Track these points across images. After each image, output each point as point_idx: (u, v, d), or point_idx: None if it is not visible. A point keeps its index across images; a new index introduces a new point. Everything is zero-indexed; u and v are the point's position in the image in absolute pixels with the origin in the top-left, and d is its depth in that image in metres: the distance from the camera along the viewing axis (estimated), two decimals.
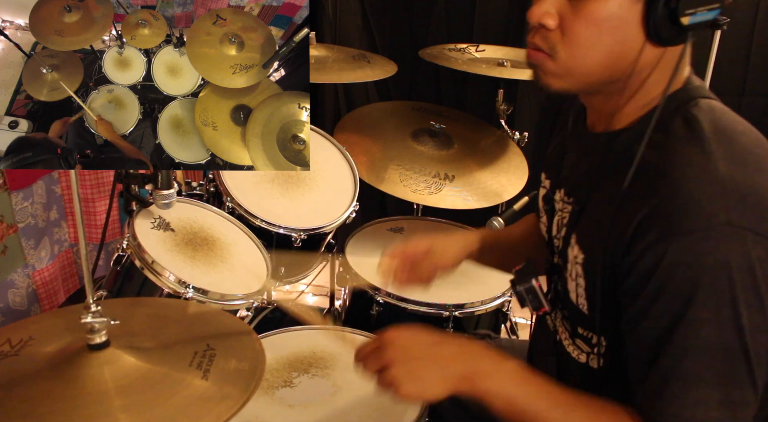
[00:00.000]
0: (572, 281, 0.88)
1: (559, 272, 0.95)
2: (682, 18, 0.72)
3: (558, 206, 0.96)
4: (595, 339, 0.87)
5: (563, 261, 0.91)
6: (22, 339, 0.91)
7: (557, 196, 0.96)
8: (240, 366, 0.87)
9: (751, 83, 2.29)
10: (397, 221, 1.94)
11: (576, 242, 0.86)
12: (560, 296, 0.95)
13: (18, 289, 2.03)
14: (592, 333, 0.88)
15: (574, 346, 0.92)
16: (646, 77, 0.80)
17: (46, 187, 2.10)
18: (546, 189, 1.04)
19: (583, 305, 0.87)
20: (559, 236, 0.95)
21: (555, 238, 0.97)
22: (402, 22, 2.57)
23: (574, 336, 0.92)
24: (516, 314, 1.78)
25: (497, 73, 1.87)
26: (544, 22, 0.78)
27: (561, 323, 0.96)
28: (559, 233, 0.95)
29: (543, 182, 1.06)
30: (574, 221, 0.88)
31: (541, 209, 1.05)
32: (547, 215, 1.02)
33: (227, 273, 1.44)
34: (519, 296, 0.99)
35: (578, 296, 0.87)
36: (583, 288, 0.85)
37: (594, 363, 0.88)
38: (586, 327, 0.89)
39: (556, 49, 0.79)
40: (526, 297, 0.98)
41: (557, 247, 0.96)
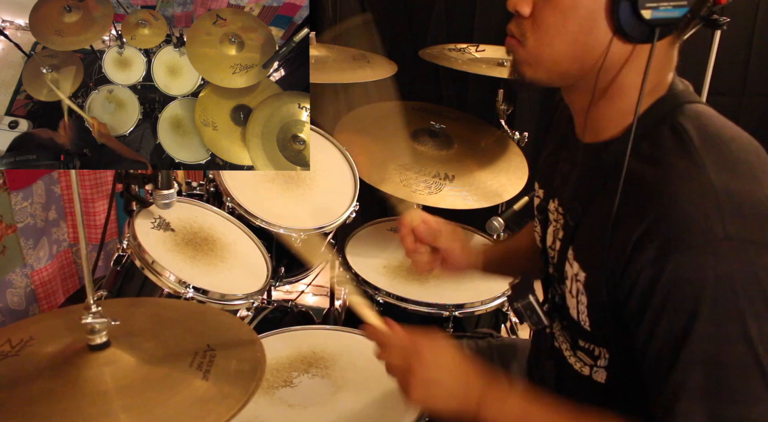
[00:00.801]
0: (572, 298, 0.87)
1: (555, 285, 0.95)
2: (643, 11, 0.72)
3: (552, 216, 0.95)
4: (597, 351, 0.87)
5: (559, 275, 0.91)
6: (22, 339, 0.91)
7: (551, 206, 0.96)
8: (240, 366, 0.87)
9: (751, 83, 2.29)
10: (397, 221, 1.94)
11: (575, 259, 0.85)
12: (557, 308, 0.95)
13: (16, 289, 2.03)
14: (594, 345, 0.87)
15: (575, 358, 0.92)
16: (623, 79, 0.79)
17: (46, 187, 2.10)
18: (540, 199, 1.03)
19: (585, 322, 0.86)
20: (553, 248, 0.94)
21: (550, 248, 0.96)
22: (402, 22, 2.57)
23: (575, 348, 0.91)
24: (513, 314, 1.78)
25: (497, 73, 1.87)
26: (519, 9, 0.80)
27: (561, 333, 0.96)
28: (553, 245, 0.95)
29: (537, 191, 1.05)
30: (570, 237, 0.87)
31: (535, 219, 1.04)
32: (541, 225, 1.01)
33: (227, 273, 1.44)
34: (517, 313, 0.99)
35: (579, 313, 0.86)
36: (585, 305, 0.84)
37: (599, 377, 0.87)
38: (588, 340, 0.88)
39: (526, 35, 0.81)
40: (524, 313, 0.98)
41: (552, 258, 0.95)
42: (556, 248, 0.93)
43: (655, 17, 0.73)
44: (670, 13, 0.73)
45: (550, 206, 0.96)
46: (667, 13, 0.73)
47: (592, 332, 0.86)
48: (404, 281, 1.65)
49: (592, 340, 0.87)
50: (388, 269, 1.69)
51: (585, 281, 0.83)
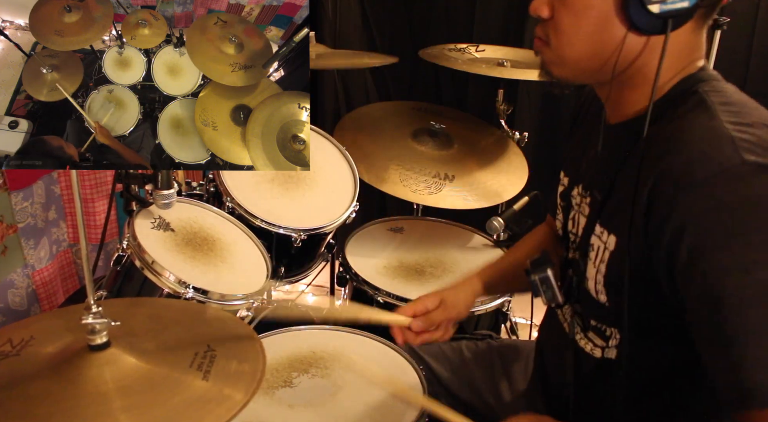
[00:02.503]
0: (593, 269, 0.88)
1: (575, 267, 0.95)
2: (651, 6, 0.75)
3: (575, 201, 0.97)
4: (609, 331, 0.88)
5: (582, 252, 0.92)
6: (23, 339, 0.91)
7: (575, 192, 0.98)
8: (240, 366, 0.87)
9: (751, 83, 2.29)
10: (397, 221, 1.94)
11: (603, 227, 0.86)
12: (573, 292, 0.96)
13: (18, 289, 2.03)
14: (605, 325, 0.88)
15: (586, 340, 0.93)
16: (646, 68, 0.82)
17: (46, 187, 2.10)
18: (564, 186, 1.04)
19: (601, 294, 0.87)
20: (575, 231, 0.96)
21: (571, 233, 0.98)
22: (402, 22, 2.57)
23: (586, 330, 0.92)
24: (516, 314, 1.78)
25: (497, 73, 1.87)
26: (539, 13, 0.84)
27: (573, 319, 0.97)
28: (575, 227, 0.96)
29: (561, 180, 1.07)
30: (597, 211, 0.89)
31: (558, 207, 1.05)
32: (563, 212, 1.02)
33: (227, 273, 1.44)
34: (533, 286, 0.99)
35: (597, 283, 0.87)
36: (602, 275, 0.85)
37: (611, 354, 0.88)
38: (600, 318, 0.89)
39: (549, 37, 0.85)
40: (540, 287, 0.98)
41: (573, 242, 0.97)
42: (580, 226, 0.94)
43: (664, 10, 0.75)
44: (678, 3, 0.75)
45: (574, 192, 0.98)
46: (677, 5, 0.75)
47: (606, 307, 0.86)
48: (404, 281, 1.65)
49: (605, 319, 0.88)
50: (388, 269, 1.69)
51: (615, 247, 0.83)
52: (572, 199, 0.98)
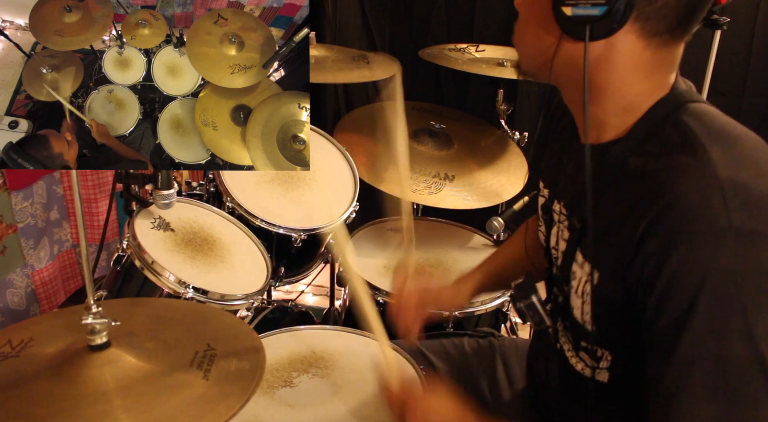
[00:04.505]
0: (578, 298, 0.86)
1: (559, 285, 0.94)
2: (564, 8, 0.75)
3: (556, 217, 0.95)
4: (600, 352, 0.86)
5: (564, 275, 0.90)
6: (22, 340, 0.91)
7: (556, 207, 0.95)
8: (240, 366, 0.87)
9: (751, 83, 2.29)
10: (397, 221, 1.94)
11: (585, 259, 0.84)
12: (560, 308, 0.94)
13: (17, 289, 2.03)
14: (597, 347, 0.87)
15: (577, 359, 0.91)
16: (600, 79, 0.79)
17: (48, 187, 2.10)
18: (545, 198, 1.03)
19: (588, 323, 0.85)
20: (557, 249, 0.94)
21: (553, 249, 0.96)
22: (402, 22, 2.57)
23: (577, 349, 0.91)
24: (516, 314, 1.78)
25: (497, 73, 1.87)
26: (517, 8, 0.86)
27: (563, 333, 0.95)
28: (557, 246, 0.94)
29: (542, 190, 1.05)
30: (577, 239, 0.87)
31: (540, 218, 1.04)
32: (545, 224, 1.00)
33: (227, 273, 1.44)
34: (520, 313, 0.99)
35: (583, 313, 0.85)
36: (589, 305, 0.83)
37: (602, 377, 0.87)
38: (590, 341, 0.88)
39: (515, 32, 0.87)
40: (527, 313, 0.98)
41: (556, 259, 0.95)
42: (561, 249, 0.92)
43: (577, 14, 0.74)
44: (588, 10, 0.74)
45: (555, 207, 0.96)
46: (587, 11, 0.74)
47: (594, 332, 0.85)
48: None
49: (595, 342, 0.87)
50: (388, 269, 1.69)
51: (599, 280, 0.81)
52: (553, 213, 0.96)
